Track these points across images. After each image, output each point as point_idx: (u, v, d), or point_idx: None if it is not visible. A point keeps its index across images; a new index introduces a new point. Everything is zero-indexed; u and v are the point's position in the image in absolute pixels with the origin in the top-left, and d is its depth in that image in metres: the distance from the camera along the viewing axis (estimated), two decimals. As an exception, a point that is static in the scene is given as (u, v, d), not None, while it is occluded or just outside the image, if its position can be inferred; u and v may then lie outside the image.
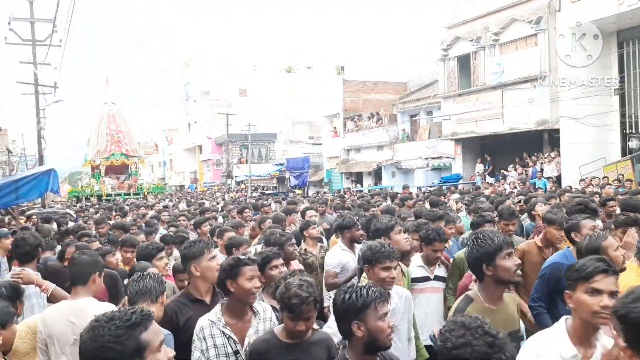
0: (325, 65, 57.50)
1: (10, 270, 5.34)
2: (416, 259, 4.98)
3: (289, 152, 44.88)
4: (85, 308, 3.30)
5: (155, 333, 1.88)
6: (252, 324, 3.23)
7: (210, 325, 3.15)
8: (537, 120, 20.31)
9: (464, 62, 23.94)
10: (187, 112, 59.52)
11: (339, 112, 35.46)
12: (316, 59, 59.72)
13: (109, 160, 35.64)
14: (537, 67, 20.13)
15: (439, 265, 4.94)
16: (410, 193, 15.23)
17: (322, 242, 6.90)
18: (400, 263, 4.30)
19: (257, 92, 54.27)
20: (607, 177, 16.37)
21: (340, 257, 5.45)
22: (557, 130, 19.75)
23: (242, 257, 3.37)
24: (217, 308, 3.24)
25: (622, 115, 19.63)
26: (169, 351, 1.95)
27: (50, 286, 4.10)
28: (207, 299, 3.55)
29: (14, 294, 3.63)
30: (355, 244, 5.60)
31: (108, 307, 3.27)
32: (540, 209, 6.97)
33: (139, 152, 39.37)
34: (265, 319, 3.31)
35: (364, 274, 3.79)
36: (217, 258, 3.73)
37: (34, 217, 12.66)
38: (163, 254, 5.22)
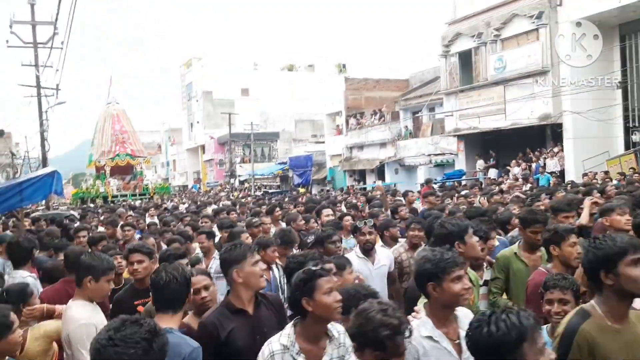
0: (326, 64, 57.47)
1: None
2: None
3: (292, 151, 44.86)
4: (66, 311, 3.48)
5: None
6: (327, 352, 2.75)
7: (283, 351, 2.69)
8: (539, 115, 20.26)
9: (466, 58, 23.89)
10: (189, 112, 59.58)
11: (341, 110, 35.43)
12: (317, 57, 59.74)
13: (113, 160, 35.26)
14: (539, 62, 20.08)
15: (486, 268, 4.51)
16: (433, 189, 14.52)
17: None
18: (470, 269, 3.64)
19: (259, 91, 54.28)
20: (608, 172, 16.29)
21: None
22: (560, 125, 19.70)
23: (315, 267, 2.89)
24: (290, 330, 2.77)
25: (625, 109, 19.58)
26: None
27: (59, 309, 4.07)
28: (250, 309, 3.22)
29: (19, 297, 3.65)
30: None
31: (79, 310, 3.35)
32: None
33: (144, 153, 39.09)
34: (340, 345, 2.79)
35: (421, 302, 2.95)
36: (261, 263, 3.46)
37: (41, 220, 12.65)
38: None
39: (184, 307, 2.98)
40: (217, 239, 6.90)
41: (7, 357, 3.02)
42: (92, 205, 27.96)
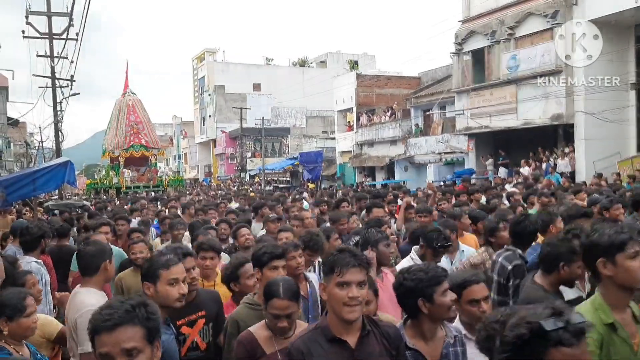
0: (338, 60, 57.44)
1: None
2: None
3: (302, 147, 44.94)
4: (74, 297, 3.51)
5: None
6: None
7: None
8: (551, 115, 20.15)
9: (479, 57, 23.78)
10: (201, 106, 59.86)
11: (352, 107, 35.44)
12: (330, 53, 59.65)
13: (128, 152, 35.13)
14: (553, 61, 19.95)
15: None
16: (467, 187, 13.72)
17: None
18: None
19: (271, 87, 54.40)
20: (619, 174, 16.19)
21: None
22: (572, 126, 19.58)
23: (437, 267, 2.82)
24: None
25: (639, 111, 19.40)
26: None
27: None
28: (352, 340, 2.41)
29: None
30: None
31: (87, 298, 3.37)
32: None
33: (158, 144, 38.96)
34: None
35: None
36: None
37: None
38: None
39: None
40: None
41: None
42: (104, 196, 28.18)
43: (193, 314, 3.48)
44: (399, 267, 4.16)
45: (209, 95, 56.70)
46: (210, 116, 56.90)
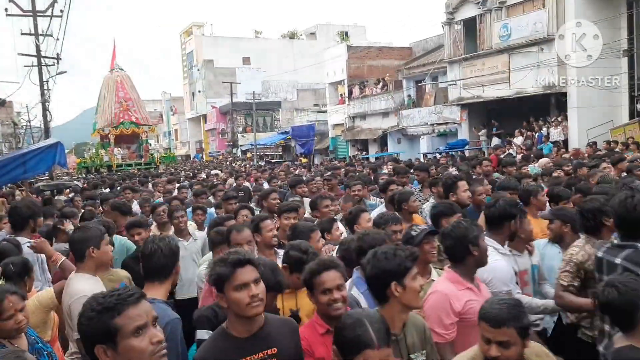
0: (328, 32, 56.78)
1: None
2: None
3: (294, 120, 44.71)
4: (68, 283, 3.46)
5: (130, 318, 1.82)
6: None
7: None
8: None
9: (470, 26, 23.55)
10: (190, 81, 59.19)
11: (343, 79, 35.16)
12: (320, 25, 58.90)
13: (118, 129, 34.73)
14: (545, 29, 19.79)
15: None
16: (499, 158, 12.87)
17: None
18: None
19: (261, 60, 53.80)
20: (617, 142, 16.21)
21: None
22: (565, 94, 19.53)
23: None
24: None
25: (631, 78, 19.34)
26: (153, 335, 1.87)
27: (60, 258, 4.16)
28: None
29: (23, 270, 3.69)
30: None
31: (79, 284, 3.33)
32: None
33: (149, 121, 38.46)
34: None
35: None
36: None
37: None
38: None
39: (170, 278, 3.00)
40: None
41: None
42: (93, 175, 27.96)
43: (260, 351, 2.47)
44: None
45: (198, 70, 56.02)
46: (199, 91, 56.34)
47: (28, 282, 3.73)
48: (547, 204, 5.14)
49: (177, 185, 11.62)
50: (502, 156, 15.28)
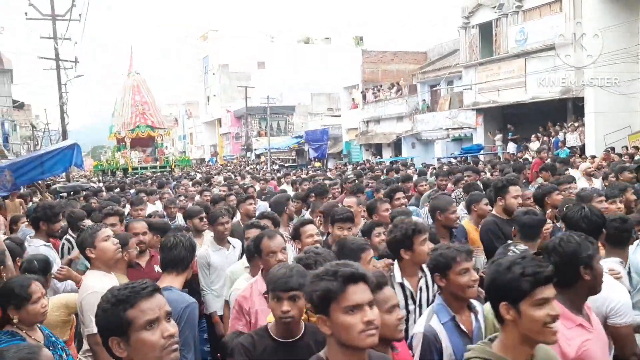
0: (343, 36, 56.85)
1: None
2: None
3: (308, 125, 44.75)
4: (82, 282, 3.60)
5: (143, 311, 1.83)
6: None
7: None
8: (561, 88, 19.89)
9: (486, 30, 23.43)
10: (205, 86, 59.57)
11: (358, 83, 35.12)
12: (334, 29, 58.95)
13: (134, 132, 35.10)
14: (562, 33, 19.63)
15: None
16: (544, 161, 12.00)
17: None
18: None
19: (275, 64, 53.97)
20: (636, 147, 15.96)
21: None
22: (582, 99, 19.33)
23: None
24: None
25: (650, 82, 19.10)
26: (165, 329, 1.87)
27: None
28: None
29: (45, 267, 3.80)
30: None
31: (90, 281, 3.40)
32: None
33: (164, 124, 38.85)
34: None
35: None
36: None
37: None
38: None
39: (187, 271, 3.27)
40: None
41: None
42: (110, 178, 28.24)
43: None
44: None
45: (213, 74, 56.38)
46: (214, 95, 56.64)
47: (49, 278, 3.85)
48: None
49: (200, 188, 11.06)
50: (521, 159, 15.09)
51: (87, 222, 5.79)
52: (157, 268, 4.28)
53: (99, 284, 3.26)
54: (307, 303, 2.05)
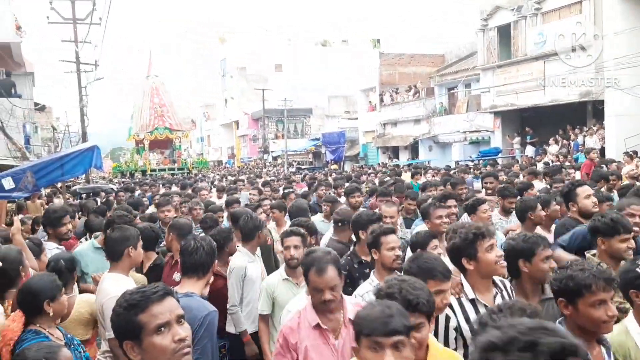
0: (361, 39, 56.77)
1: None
2: None
3: (325, 127, 44.78)
4: (102, 282, 3.63)
5: (153, 315, 1.84)
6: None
7: None
8: (580, 91, 19.64)
9: (504, 33, 23.25)
10: (223, 88, 59.97)
11: (375, 86, 35.07)
12: (352, 32, 59.01)
13: (152, 134, 35.53)
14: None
15: None
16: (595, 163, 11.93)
17: None
18: None
19: (293, 67, 54.13)
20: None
21: None
22: (602, 102, 19.07)
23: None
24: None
25: (672, 85, 18.77)
26: (176, 333, 1.87)
27: None
28: None
29: (71, 265, 3.91)
30: None
31: (113, 284, 3.43)
32: None
33: (182, 126, 39.29)
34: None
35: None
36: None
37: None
38: None
39: (207, 275, 3.14)
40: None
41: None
42: (128, 179, 28.55)
43: None
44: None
45: (231, 77, 56.74)
46: (232, 98, 57.00)
47: (74, 275, 3.96)
48: None
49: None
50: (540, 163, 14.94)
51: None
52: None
53: (118, 288, 3.32)
54: None
